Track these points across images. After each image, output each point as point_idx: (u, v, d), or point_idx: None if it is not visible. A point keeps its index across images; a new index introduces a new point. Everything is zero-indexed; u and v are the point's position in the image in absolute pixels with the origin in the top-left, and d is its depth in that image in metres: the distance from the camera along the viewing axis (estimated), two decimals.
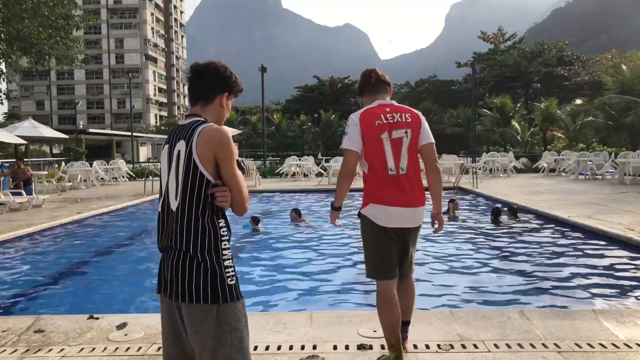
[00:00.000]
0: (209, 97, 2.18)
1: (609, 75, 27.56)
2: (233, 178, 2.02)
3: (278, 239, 8.90)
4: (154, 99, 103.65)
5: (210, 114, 2.17)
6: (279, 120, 56.28)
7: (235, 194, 2.03)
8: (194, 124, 2.06)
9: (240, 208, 2.06)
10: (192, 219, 1.98)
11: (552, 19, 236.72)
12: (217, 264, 1.96)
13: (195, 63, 2.22)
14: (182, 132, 2.08)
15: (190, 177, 1.98)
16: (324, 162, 22.63)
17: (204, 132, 2.00)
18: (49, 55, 17.87)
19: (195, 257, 1.95)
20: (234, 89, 2.25)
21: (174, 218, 2.02)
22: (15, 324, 4.13)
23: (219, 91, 2.19)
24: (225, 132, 2.04)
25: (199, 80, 2.19)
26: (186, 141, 2.03)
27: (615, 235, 7.46)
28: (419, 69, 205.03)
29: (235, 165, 2.03)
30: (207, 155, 1.99)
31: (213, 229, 1.99)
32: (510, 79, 56.49)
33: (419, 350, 3.38)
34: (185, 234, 1.97)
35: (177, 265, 1.98)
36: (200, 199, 1.98)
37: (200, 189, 1.98)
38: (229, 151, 2.01)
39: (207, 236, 1.97)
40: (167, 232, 2.05)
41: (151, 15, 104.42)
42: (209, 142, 1.99)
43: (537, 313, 4.16)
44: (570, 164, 19.69)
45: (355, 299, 5.25)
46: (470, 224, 10.37)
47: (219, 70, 2.19)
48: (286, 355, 3.36)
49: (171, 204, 2.04)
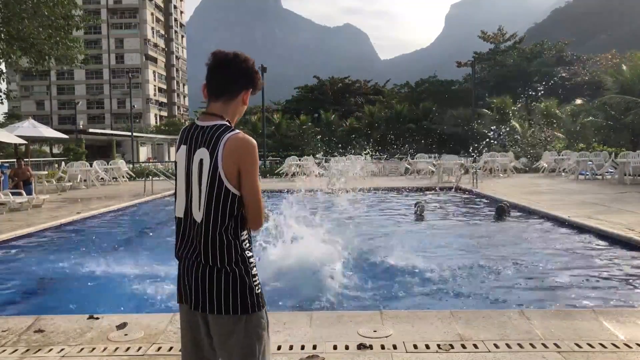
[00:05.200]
0: (233, 93, 2.03)
1: (609, 75, 27.57)
2: (252, 191, 1.93)
3: (278, 238, 8.88)
4: (154, 99, 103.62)
5: (231, 111, 2.05)
6: (279, 120, 56.26)
7: (253, 208, 1.95)
8: (217, 129, 1.93)
9: (257, 222, 1.99)
10: (216, 233, 1.92)
11: (552, 19, 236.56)
12: (246, 274, 1.93)
13: (220, 51, 2.05)
14: (203, 136, 1.95)
15: (215, 191, 1.90)
16: (324, 162, 22.61)
17: (229, 144, 1.89)
18: (49, 55, 17.85)
19: (223, 269, 1.91)
20: (257, 85, 2.11)
21: (199, 231, 1.94)
22: (15, 324, 4.13)
23: (244, 87, 2.05)
24: (251, 143, 1.93)
25: (225, 72, 2.03)
26: (210, 152, 1.91)
27: (615, 235, 7.46)
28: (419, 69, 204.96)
29: (257, 177, 1.94)
30: (232, 167, 1.89)
31: (237, 240, 1.94)
32: (510, 79, 56.44)
33: (419, 350, 3.38)
34: (211, 247, 1.91)
35: (203, 277, 1.92)
36: (226, 213, 1.91)
37: (225, 203, 1.91)
38: (252, 162, 1.92)
39: (234, 248, 1.93)
40: (190, 242, 1.98)
41: (151, 15, 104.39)
42: (234, 153, 1.88)
43: (537, 313, 4.16)
44: (570, 164, 19.69)
45: (355, 299, 5.25)
46: (471, 224, 10.37)
47: (248, 63, 2.05)
48: (286, 355, 3.35)
49: (195, 214, 1.95)
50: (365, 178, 20.56)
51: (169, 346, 3.54)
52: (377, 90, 68.54)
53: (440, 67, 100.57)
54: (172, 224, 7.41)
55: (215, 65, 2.03)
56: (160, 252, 7.94)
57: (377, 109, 55.93)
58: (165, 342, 3.60)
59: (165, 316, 4.18)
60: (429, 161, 21.77)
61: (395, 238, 8.79)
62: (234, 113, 2.06)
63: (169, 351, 3.46)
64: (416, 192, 15.88)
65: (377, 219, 11.41)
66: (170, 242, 9.67)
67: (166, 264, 6.99)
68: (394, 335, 3.62)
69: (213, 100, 2.04)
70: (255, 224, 1.99)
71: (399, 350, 3.38)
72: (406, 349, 3.39)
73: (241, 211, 1.96)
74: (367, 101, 63.00)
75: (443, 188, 16.63)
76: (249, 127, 54.95)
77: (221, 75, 2.02)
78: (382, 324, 3.84)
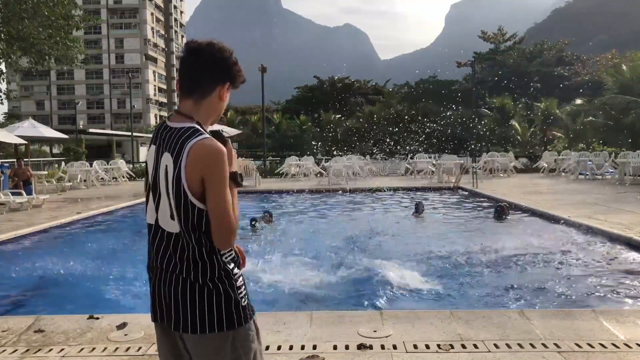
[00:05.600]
0: (206, 89, 1.76)
1: (609, 75, 27.55)
2: (217, 207, 1.65)
3: (278, 238, 8.90)
4: (154, 99, 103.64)
5: (205, 110, 1.77)
6: (279, 120, 56.29)
7: (218, 225, 1.67)
8: (183, 133, 1.68)
9: (223, 241, 1.70)
10: (191, 246, 1.70)
11: (552, 19, 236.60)
12: (230, 288, 1.73)
13: (192, 40, 1.77)
14: (170, 139, 1.71)
15: (182, 204, 1.68)
16: (324, 162, 22.62)
17: (193, 152, 1.63)
18: (49, 55, 17.87)
19: (205, 286, 1.70)
20: (237, 79, 1.82)
21: (175, 243, 1.73)
22: (15, 324, 4.13)
23: (220, 81, 1.77)
24: (218, 150, 1.65)
25: (196, 64, 1.75)
26: (174, 159, 1.67)
27: (615, 235, 7.46)
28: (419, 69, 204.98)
29: (224, 189, 1.66)
30: (196, 178, 1.65)
31: (216, 255, 1.72)
32: (510, 79, 56.46)
33: (419, 350, 3.38)
34: (186, 261, 1.70)
35: (184, 294, 1.71)
36: (195, 227, 1.69)
37: (193, 217, 1.68)
38: (218, 173, 1.65)
39: (213, 264, 1.72)
40: (162, 253, 1.75)
41: (151, 15, 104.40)
42: (198, 162, 1.64)
43: (537, 313, 4.16)
44: (570, 164, 19.69)
45: (355, 299, 5.25)
46: (471, 224, 10.38)
47: (224, 53, 1.76)
48: (286, 355, 3.35)
49: (165, 224, 1.74)
50: (365, 178, 20.57)
51: None
52: (377, 90, 68.58)
53: (440, 67, 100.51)
54: None
55: (187, 56, 1.76)
56: None
57: (377, 109, 55.93)
58: None
59: None
60: (429, 161, 21.76)
61: (394, 237, 8.79)
62: (208, 112, 1.79)
63: None
64: (416, 192, 15.88)
65: (377, 219, 11.40)
66: None
67: None
68: (394, 335, 3.62)
69: (184, 98, 1.77)
70: (222, 242, 1.70)
71: (399, 350, 3.38)
72: (406, 349, 3.39)
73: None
74: (367, 101, 63.04)
75: (443, 188, 16.62)
76: (249, 127, 55.05)
77: (192, 67, 1.75)
78: (382, 324, 3.84)
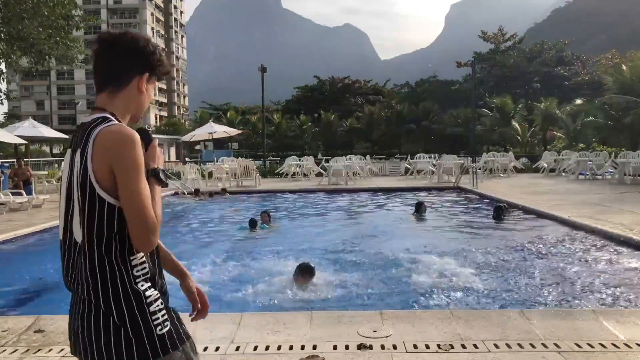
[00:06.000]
0: (120, 81, 1.61)
1: (609, 75, 27.58)
2: (131, 200, 1.45)
3: (278, 237, 8.90)
4: (154, 99, 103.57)
5: (122, 102, 1.61)
6: (279, 120, 56.29)
7: (134, 222, 1.46)
8: (91, 124, 1.53)
9: (142, 241, 1.48)
10: (95, 259, 1.48)
11: (552, 19, 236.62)
12: (140, 313, 1.48)
13: (104, 32, 1.63)
14: (82, 135, 1.53)
15: (87, 201, 1.47)
16: (324, 162, 22.63)
17: (100, 138, 1.47)
18: (49, 55, 17.88)
19: (110, 313, 1.47)
20: (158, 69, 1.67)
21: (79, 255, 1.52)
22: (15, 324, 4.13)
23: (136, 71, 1.62)
24: (127, 136, 1.47)
25: (108, 55, 1.61)
26: (81, 152, 1.50)
27: (615, 235, 7.46)
28: (419, 69, 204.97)
29: (138, 180, 1.47)
30: (104, 168, 1.46)
31: (125, 269, 1.49)
32: (510, 79, 56.49)
33: (419, 350, 3.37)
34: (92, 279, 1.48)
35: (89, 321, 1.49)
36: (103, 230, 1.47)
37: (101, 216, 1.47)
38: (130, 161, 1.45)
39: (120, 279, 1.48)
40: (74, 271, 1.54)
41: (151, 15, 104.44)
42: (105, 150, 1.46)
43: (537, 313, 4.16)
44: (570, 164, 19.69)
45: (355, 299, 5.25)
46: (470, 224, 10.38)
47: (138, 42, 1.62)
48: (286, 355, 3.35)
49: (75, 234, 1.53)
50: (365, 178, 20.57)
51: None
52: (377, 90, 68.60)
53: (440, 67, 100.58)
54: (172, 223, 7.52)
55: (99, 48, 1.62)
56: None
57: (377, 109, 55.96)
58: None
59: None
60: (429, 161, 21.76)
61: (395, 237, 8.80)
62: (126, 105, 1.63)
63: None
64: (416, 191, 15.87)
65: (377, 219, 11.41)
66: (170, 242, 9.72)
67: None
68: (394, 335, 3.62)
69: (99, 91, 1.62)
70: (141, 243, 1.48)
71: (399, 350, 3.38)
72: (406, 349, 3.39)
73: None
74: (367, 101, 63.04)
75: (443, 188, 16.62)
76: (249, 127, 55.05)
77: (105, 59, 1.61)
78: (382, 324, 3.84)
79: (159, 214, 1.53)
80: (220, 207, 13.33)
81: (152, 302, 1.52)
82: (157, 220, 1.50)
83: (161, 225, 1.53)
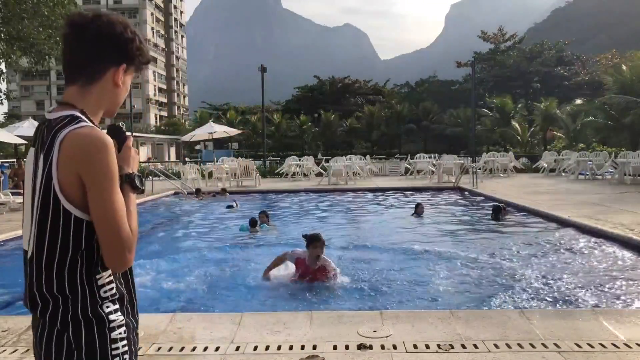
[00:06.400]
0: (93, 72, 1.39)
1: (609, 75, 27.59)
2: (102, 214, 1.28)
3: (277, 237, 8.90)
4: (154, 99, 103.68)
5: (95, 97, 1.41)
6: (279, 120, 56.32)
7: (106, 239, 1.30)
8: (58, 123, 1.33)
9: (115, 259, 1.31)
10: (54, 278, 1.32)
11: (552, 19, 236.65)
12: (99, 337, 1.33)
13: (75, 14, 1.43)
14: (47, 136, 1.35)
15: (50, 215, 1.31)
16: (324, 162, 22.63)
17: (67, 143, 1.29)
18: (49, 55, 17.88)
19: (65, 331, 1.32)
20: (137, 59, 1.46)
21: (37, 271, 1.35)
22: (15, 324, 4.13)
23: (112, 62, 1.41)
24: (95, 139, 1.29)
25: (80, 42, 1.39)
26: (45, 155, 1.32)
27: (615, 235, 7.46)
28: (419, 69, 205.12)
29: (111, 191, 1.29)
30: (71, 177, 1.29)
31: (89, 290, 1.33)
32: (510, 79, 56.53)
33: (419, 350, 3.37)
34: (52, 299, 1.33)
35: (41, 341, 1.35)
36: (68, 248, 1.31)
37: (67, 232, 1.31)
38: (101, 170, 1.28)
39: (81, 303, 1.32)
40: (31, 287, 1.37)
41: (151, 15, 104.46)
42: (73, 156, 1.28)
43: (537, 313, 4.16)
44: (570, 164, 19.69)
45: (355, 299, 5.25)
46: (470, 224, 10.38)
47: (114, 27, 1.39)
48: (286, 355, 3.35)
49: (25, 247, 1.39)
50: (365, 178, 20.58)
51: (169, 346, 3.54)
52: (377, 90, 68.64)
53: (440, 67, 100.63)
54: (172, 224, 7.51)
55: (69, 33, 1.40)
56: (160, 251, 7.95)
57: (377, 109, 55.98)
58: (165, 342, 3.60)
59: (166, 316, 4.18)
60: (429, 161, 21.76)
61: (394, 237, 8.80)
62: (99, 101, 1.42)
63: (169, 351, 3.46)
64: (416, 191, 15.88)
65: (377, 219, 11.41)
66: (169, 242, 9.70)
67: (166, 264, 6.99)
68: (394, 335, 3.62)
69: (68, 83, 1.42)
70: (115, 262, 1.32)
71: (399, 350, 3.38)
72: (406, 349, 3.39)
73: (96, 243, 1.34)
74: (367, 101, 63.08)
75: (443, 188, 16.63)
76: (249, 127, 55.06)
77: (76, 46, 1.40)
78: (382, 324, 3.84)
79: (135, 227, 1.36)
80: (221, 207, 13.33)
81: (115, 327, 1.36)
82: (133, 235, 1.34)
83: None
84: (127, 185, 1.40)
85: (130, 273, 1.47)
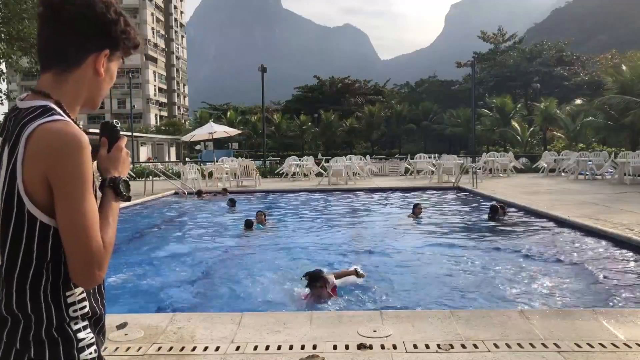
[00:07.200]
0: (70, 59, 1.22)
1: (609, 75, 27.59)
2: (70, 222, 1.12)
3: (277, 237, 8.90)
4: (154, 99, 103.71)
5: (72, 87, 1.23)
6: (279, 120, 56.35)
7: (71, 248, 1.13)
8: (28, 114, 1.16)
9: (81, 273, 1.14)
10: (14, 293, 1.15)
11: (552, 19, 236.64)
12: (65, 357, 1.16)
13: None
14: (14, 126, 1.18)
15: (13, 218, 1.14)
16: (324, 162, 22.64)
17: (34, 139, 1.12)
18: None
19: (25, 354, 1.14)
20: (123, 42, 1.29)
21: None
22: None
23: (93, 47, 1.23)
24: (67, 135, 1.12)
25: (54, 23, 1.21)
26: (10, 151, 1.16)
27: (615, 235, 7.46)
28: (419, 69, 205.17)
29: (80, 198, 1.12)
30: (38, 178, 1.12)
31: (55, 307, 1.16)
32: (510, 79, 56.59)
33: (419, 350, 3.38)
34: (11, 317, 1.15)
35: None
36: (32, 258, 1.14)
37: (31, 240, 1.14)
38: (71, 172, 1.11)
39: (46, 323, 1.15)
40: None
41: (151, 15, 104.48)
42: (40, 155, 1.11)
43: (537, 313, 4.16)
44: (570, 164, 19.70)
45: (355, 299, 5.25)
46: (470, 224, 10.38)
47: (95, 7, 1.21)
48: (286, 355, 3.35)
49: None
50: (365, 178, 20.58)
51: (169, 346, 3.54)
52: (377, 90, 68.71)
53: (440, 67, 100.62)
54: (172, 224, 7.50)
55: (43, 12, 1.22)
56: (160, 252, 7.96)
57: (377, 109, 56.01)
58: (165, 342, 3.60)
59: (165, 316, 4.18)
60: (429, 161, 21.77)
61: (393, 237, 8.80)
62: (77, 91, 1.24)
63: (169, 351, 3.46)
64: (416, 191, 15.88)
65: (376, 218, 11.40)
66: (169, 241, 9.69)
67: (167, 264, 7.00)
68: (394, 335, 3.62)
69: (43, 70, 1.24)
70: (81, 277, 1.15)
71: (399, 350, 3.38)
72: (406, 349, 3.39)
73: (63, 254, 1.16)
74: (367, 101, 63.13)
75: (443, 188, 16.63)
76: (249, 127, 55.09)
77: (51, 28, 1.22)
78: (382, 324, 3.84)
79: (109, 240, 1.19)
80: (221, 207, 13.33)
81: (84, 347, 1.18)
82: (106, 249, 1.17)
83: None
84: (110, 190, 1.25)
85: (103, 286, 1.30)
